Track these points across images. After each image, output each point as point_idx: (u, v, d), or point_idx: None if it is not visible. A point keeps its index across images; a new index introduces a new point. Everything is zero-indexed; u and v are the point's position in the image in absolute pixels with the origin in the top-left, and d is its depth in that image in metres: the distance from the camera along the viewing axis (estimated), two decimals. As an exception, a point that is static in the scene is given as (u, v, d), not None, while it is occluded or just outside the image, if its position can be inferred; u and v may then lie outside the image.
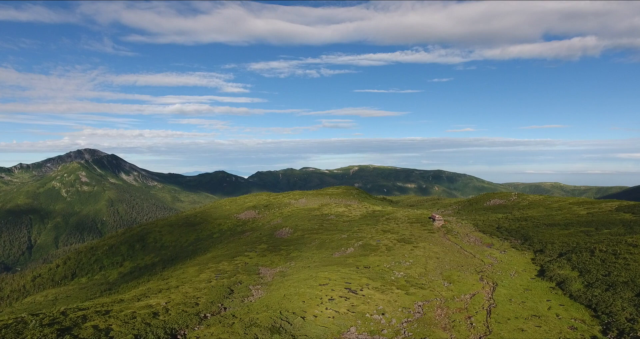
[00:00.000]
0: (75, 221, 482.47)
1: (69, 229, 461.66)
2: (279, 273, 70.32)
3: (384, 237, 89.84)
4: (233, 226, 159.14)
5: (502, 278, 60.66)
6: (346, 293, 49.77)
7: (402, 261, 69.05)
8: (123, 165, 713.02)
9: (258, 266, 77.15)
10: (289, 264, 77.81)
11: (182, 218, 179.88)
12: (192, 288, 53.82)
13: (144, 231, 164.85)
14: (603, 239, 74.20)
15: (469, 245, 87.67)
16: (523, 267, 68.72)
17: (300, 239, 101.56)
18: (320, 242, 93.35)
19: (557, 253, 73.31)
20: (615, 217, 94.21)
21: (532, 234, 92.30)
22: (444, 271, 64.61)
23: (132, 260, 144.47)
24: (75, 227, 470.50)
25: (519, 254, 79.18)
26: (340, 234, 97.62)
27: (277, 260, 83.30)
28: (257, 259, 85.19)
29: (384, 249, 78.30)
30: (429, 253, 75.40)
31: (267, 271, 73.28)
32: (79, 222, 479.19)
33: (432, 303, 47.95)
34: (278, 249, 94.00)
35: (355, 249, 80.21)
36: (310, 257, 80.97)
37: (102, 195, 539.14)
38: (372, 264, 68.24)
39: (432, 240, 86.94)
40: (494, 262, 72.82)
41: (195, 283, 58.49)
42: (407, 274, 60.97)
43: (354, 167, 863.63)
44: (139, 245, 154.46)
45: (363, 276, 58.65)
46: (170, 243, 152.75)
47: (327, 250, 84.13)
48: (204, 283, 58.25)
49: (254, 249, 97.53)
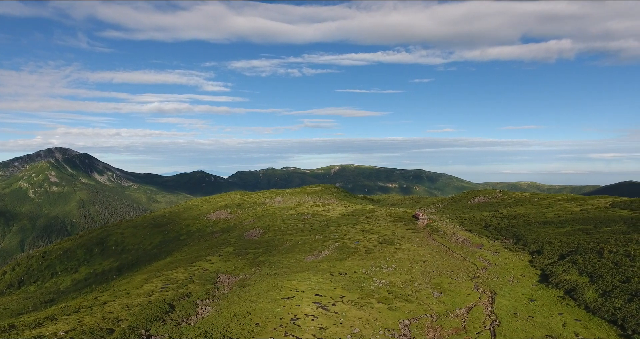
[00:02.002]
0: (43, 223, 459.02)
1: (36, 232, 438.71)
2: (240, 281, 59.80)
3: (363, 237, 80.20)
4: (203, 227, 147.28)
5: (501, 285, 51.63)
6: (314, 310, 39.70)
7: (384, 266, 59.42)
8: (96, 164, 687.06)
9: (217, 273, 66.42)
10: (254, 271, 67.34)
11: (149, 219, 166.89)
12: (123, 304, 42.98)
13: (105, 233, 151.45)
14: (607, 238, 66.22)
15: (458, 246, 78.78)
16: (521, 271, 59.96)
17: (270, 240, 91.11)
18: (292, 244, 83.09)
19: (557, 254, 64.93)
20: (612, 214, 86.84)
21: (524, 232, 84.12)
22: (433, 277, 55.25)
23: (88, 265, 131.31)
24: (43, 229, 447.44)
25: (513, 255, 70.61)
26: (315, 235, 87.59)
27: (242, 265, 72.68)
28: (219, 264, 74.39)
29: (363, 252, 68.58)
30: (414, 256, 66.04)
31: (226, 279, 62.64)
32: (47, 225, 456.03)
33: (421, 322, 38.30)
34: (245, 252, 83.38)
35: (331, 252, 70.27)
36: (279, 261, 70.66)
37: (73, 196, 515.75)
38: (349, 270, 58.42)
39: (416, 241, 77.72)
40: (488, 265, 63.92)
41: (132, 297, 47.58)
42: (389, 282, 51.31)
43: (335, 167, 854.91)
44: (98, 248, 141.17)
45: (337, 286, 48.73)
46: (132, 246, 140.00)
47: (298, 253, 73.94)
48: (142, 297, 47.37)
49: (218, 252, 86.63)
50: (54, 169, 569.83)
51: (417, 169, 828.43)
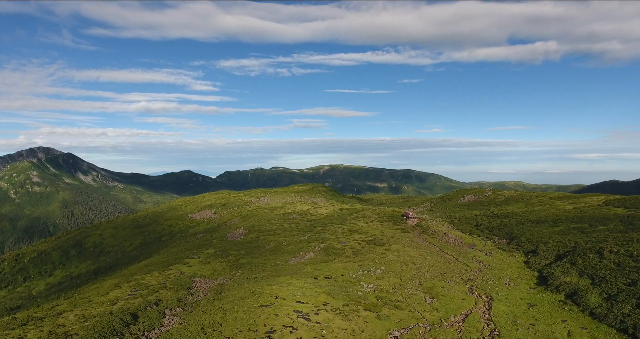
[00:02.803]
0: (25, 224, 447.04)
1: (17, 234, 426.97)
2: (217, 286, 55.38)
3: (350, 238, 76.26)
4: (185, 228, 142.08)
5: (497, 289, 48.07)
6: (294, 320, 35.61)
7: (372, 269, 55.53)
8: (80, 164, 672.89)
9: (194, 278, 61.86)
10: (234, 274, 62.93)
11: (130, 220, 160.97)
12: (80, 315, 38.37)
13: (83, 235, 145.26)
14: (605, 238, 63.25)
15: (449, 246, 75.30)
16: (517, 273, 56.57)
17: (254, 241, 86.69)
18: (276, 245, 78.79)
19: (553, 255, 61.76)
20: (607, 212, 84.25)
21: (517, 232, 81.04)
22: (424, 280, 51.51)
23: (64, 268, 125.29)
24: (24, 231, 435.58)
25: (507, 256, 67.32)
26: (301, 236, 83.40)
27: (222, 269, 68.20)
28: (198, 267, 69.80)
29: (350, 254, 64.61)
30: (404, 257, 62.29)
31: (203, 284, 58.16)
32: (28, 226, 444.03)
33: (413, 333, 34.44)
34: (226, 254, 78.86)
35: (316, 254, 66.17)
36: (261, 264, 66.33)
37: (56, 196, 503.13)
38: (335, 274, 54.40)
39: (406, 241, 74.04)
40: (482, 267, 60.44)
41: (93, 306, 42.91)
42: (378, 287, 47.42)
43: (324, 166, 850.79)
44: (74, 251, 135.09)
45: (321, 291, 44.67)
46: (111, 248, 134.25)
47: (282, 255, 69.69)
48: (105, 306, 42.73)
49: (198, 254, 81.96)
50: (36, 169, 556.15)
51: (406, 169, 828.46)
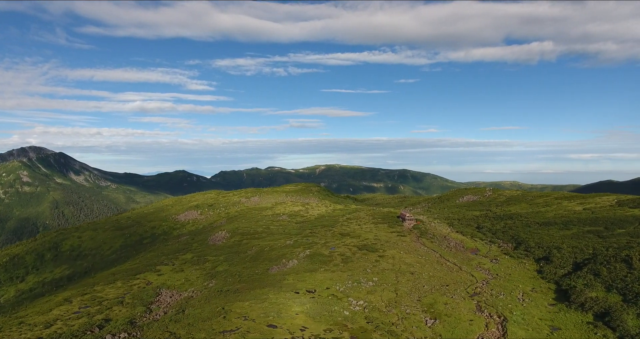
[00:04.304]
0: (14, 225, 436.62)
1: (5, 235, 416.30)
2: (183, 301, 47.58)
3: (341, 243, 68.58)
4: (169, 230, 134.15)
5: (510, 306, 40.54)
6: (260, 353, 27.81)
7: (363, 280, 47.89)
8: (72, 164, 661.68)
9: (160, 289, 54.05)
10: (207, 285, 55.15)
11: (112, 221, 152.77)
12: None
13: (61, 237, 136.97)
14: (627, 243, 55.86)
15: (450, 252, 67.79)
16: (530, 284, 49.09)
17: (235, 246, 78.89)
18: (258, 250, 70.98)
19: (570, 263, 54.38)
20: (622, 213, 77.01)
21: (524, 235, 73.68)
22: (424, 294, 43.92)
23: (37, 274, 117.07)
24: (12, 232, 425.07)
25: (516, 263, 59.85)
26: (287, 240, 75.63)
27: (195, 278, 60.39)
28: (168, 276, 61.96)
29: (339, 261, 56.93)
30: (400, 266, 54.69)
31: (168, 297, 50.36)
32: (17, 227, 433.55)
33: (410, 373, 26.75)
34: (204, 260, 71.06)
35: (300, 262, 58.43)
36: (238, 273, 58.57)
37: (46, 196, 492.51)
38: (320, 286, 46.71)
39: (402, 246, 66.45)
40: (489, 277, 52.93)
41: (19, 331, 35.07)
42: (369, 304, 39.77)
43: (320, 166, 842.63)
44: (50, 254, 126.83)
45: (301, 311, 37.01)
46: (89, 251, 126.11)
47: (263, 263, 61.91)
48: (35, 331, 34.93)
49: (173, 260, 74.14)
50: (26, 168, 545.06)
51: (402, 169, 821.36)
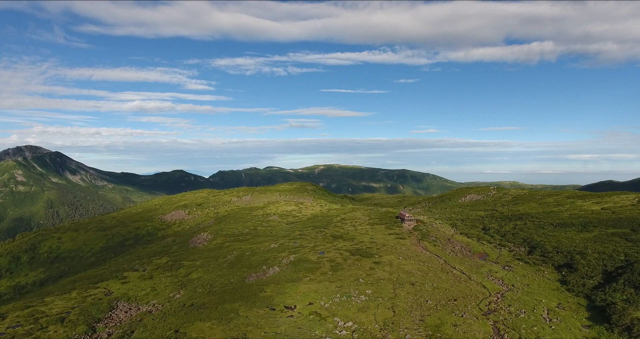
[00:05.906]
0: (7, 225, 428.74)
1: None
2: (136, 318, 39.54)
3: (332, 246, 60.49)
4: (154, 230, 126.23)
5: (536, 329, 32.47)
6: None
7: (354, 293, 39.81)
8: (69, 163, 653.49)
9: (118, 302, 45.99)
10: (173, 297, 47.08)
11: (95, 222, 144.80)
12: None
13: (40, 238, 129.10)
14: (665, 248, 47.95)
15: (456, 257, 59.67)
16: (555, 298, 40.98)
17: (216, 249, 70.85)
18: (238, 255, 62.88)
19: (599, 271, 46.40)
20: (647, 213, 68.95)
21: (538, 238, 65.65)
22: (427, 312, 35.84)
23: (11, 277, 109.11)
24: (5, 232, 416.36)
25: (533, 271, 51.80)
26: (272, 242, 67.56)
27: (162, 287, 52.34)
28: (134, 284, 53.90)
29: (328, 269, 48.83)
30: (399, 274, 46.61)
31: (123, 313, 42.32)
32: (10, 227, 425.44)
33: None
34: (179, 265, 63.02)
35: (283, 269, 50.32)
36: (211, 283, 50.49)
37: (41, 196, 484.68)
38: (301, 301, 38.63)
39: (401, 250, 58.34)
40: (503, 288, 44.80)
41: None
42: (359, 327, 31.77)
43: (319, 166, 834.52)
44: (27, 256, 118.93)
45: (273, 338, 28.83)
46: (68, 254, 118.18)
47: (240, 270, 53.80)
48: None
49: (145, 265, 66.10)
50: (21, 167, 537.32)
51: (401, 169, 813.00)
